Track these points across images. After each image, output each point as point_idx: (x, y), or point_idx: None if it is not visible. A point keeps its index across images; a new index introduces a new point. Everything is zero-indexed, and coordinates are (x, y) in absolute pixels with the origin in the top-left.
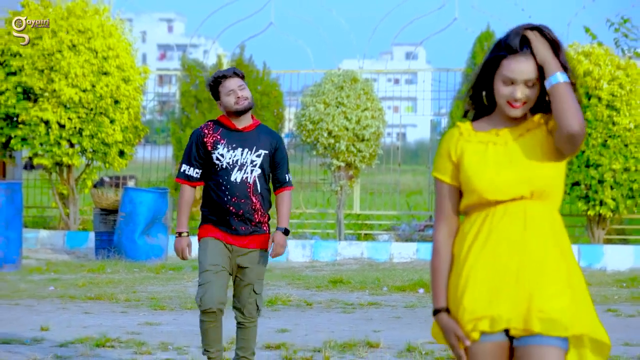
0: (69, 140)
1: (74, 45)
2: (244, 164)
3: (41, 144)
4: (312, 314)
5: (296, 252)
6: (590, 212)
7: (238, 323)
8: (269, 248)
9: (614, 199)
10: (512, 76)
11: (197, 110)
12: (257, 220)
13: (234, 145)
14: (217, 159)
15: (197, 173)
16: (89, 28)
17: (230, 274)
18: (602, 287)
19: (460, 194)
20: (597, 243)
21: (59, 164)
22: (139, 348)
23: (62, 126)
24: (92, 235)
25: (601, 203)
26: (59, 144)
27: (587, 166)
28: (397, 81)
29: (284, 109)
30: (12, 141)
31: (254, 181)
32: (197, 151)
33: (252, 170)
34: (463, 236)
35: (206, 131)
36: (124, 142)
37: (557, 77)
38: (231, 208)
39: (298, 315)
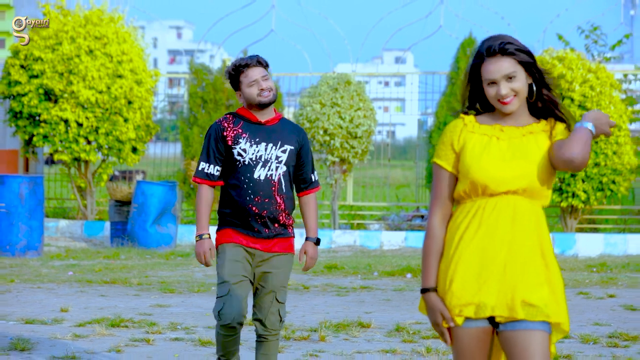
0: (86, 138)
1: (91, 51)
2: (268, 160)
3: (61, 141)
4: (309, 297)
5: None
6: (564, 204)
7: (258, 336)
8: (300, 260)
9: (585, 192)
10: (491, 77)
11: (204, 110)
12: (281, 222)
13: (257, 140)
14: (239, 154)
15: (217, 171)
16: (105, 34)
17: (252, 282)
18: (574, 272)
19: (456, 181)
20: (569, 232)
21: (77, 160)
22: (151, 328)
23: (80, 125)
24: (107, 224)
25: (573, 195)
26: (77, 141)
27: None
28: (387, 83)
29: (283, 109)
30: (35, 138)
31: (279, 179)
32: (216, 147)
33: (277, 167)
34: (456, 224)
35: (225, 124)
36: (137, 139)
37: (587, 124)
38: (254, 208)
39: (296, 298)
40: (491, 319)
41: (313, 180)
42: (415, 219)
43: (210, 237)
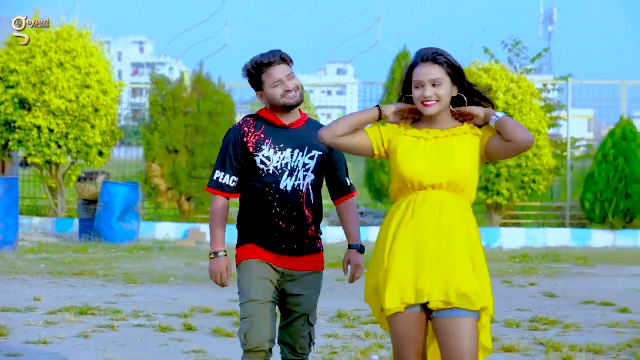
0: (57, 143)
1: (61, 64)
2: (295, 169)
3: (34, 146)
4: None
5: None
6: (489, 201)
7: None
8: (345, 272)
9: (508, 190)
10: (419, 79)
11: (164, 117)
12: (310, 236)
13: (281, 146)
14: (262, 162)
15: (233, 182)
16: (74, 49)
17: (276, 304)
18: (499, 262)
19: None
20: (494, 226)
21: (49, 162)
22: (115, 315)
23: (51, 131)
24: (76, 221)
25: (498, 193)
26: (49, 145)
27: (486, 163)
28: (329, 93)
29: (236, 116)
30: (10, 143)
31: (307, 190)
32: (234, 154)
33: (305, 176)
34: (391, 218)
35: (246, 129)
36: (103, 144)
37: (497, 116)
38: (280, 223)
39: None
40: (425, 307)
41: (349, 184)
42: (359, 216)
43: (226, 255)
